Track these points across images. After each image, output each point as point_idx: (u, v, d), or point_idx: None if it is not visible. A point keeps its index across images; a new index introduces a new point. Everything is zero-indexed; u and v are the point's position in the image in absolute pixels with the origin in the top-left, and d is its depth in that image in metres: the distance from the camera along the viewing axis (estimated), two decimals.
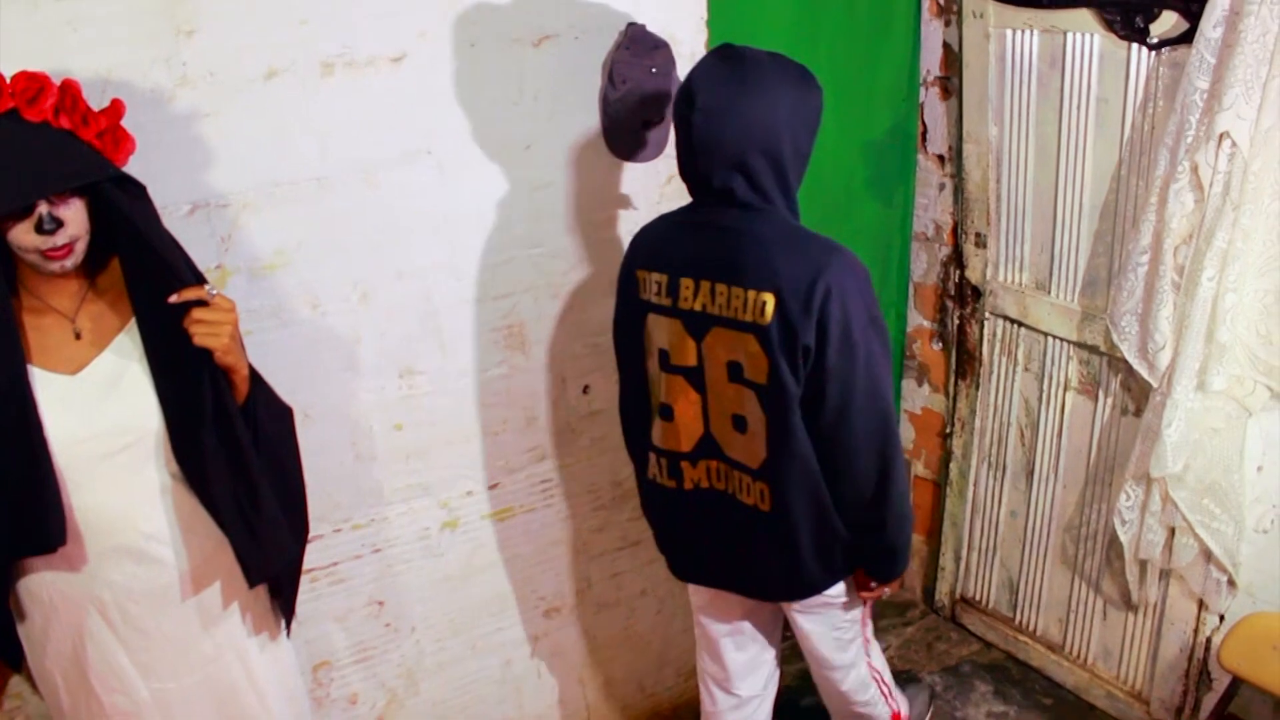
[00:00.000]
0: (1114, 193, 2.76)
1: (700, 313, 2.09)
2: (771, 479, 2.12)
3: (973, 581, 3.50)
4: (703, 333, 2.10)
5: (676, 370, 2.17)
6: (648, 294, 2.17)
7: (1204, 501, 2.61)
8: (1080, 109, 2.76)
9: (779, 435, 2.08)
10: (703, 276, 2.07)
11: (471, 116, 2.38)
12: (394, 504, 2.56)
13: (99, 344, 1.78)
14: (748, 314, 2.02)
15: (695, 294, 2.09)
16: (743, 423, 2.12)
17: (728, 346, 2.07)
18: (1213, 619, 2.78)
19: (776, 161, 2.00)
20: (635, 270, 2.20)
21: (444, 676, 2.76)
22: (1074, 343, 2.96)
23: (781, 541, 2.18)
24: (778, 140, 1.98)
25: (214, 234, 2.19)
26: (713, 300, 2.07)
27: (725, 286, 2.04)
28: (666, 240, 2.17)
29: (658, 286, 2.15)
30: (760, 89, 1.96)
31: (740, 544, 2.25)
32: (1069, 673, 3.24)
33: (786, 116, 1.98)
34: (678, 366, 2.16)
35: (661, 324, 2.16)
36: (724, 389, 2.12)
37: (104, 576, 1.82)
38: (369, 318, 2.40)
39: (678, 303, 2.12)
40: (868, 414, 2.06)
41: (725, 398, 2.13)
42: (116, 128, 1.74)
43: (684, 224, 2.16)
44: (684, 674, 3.19)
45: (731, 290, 2.03)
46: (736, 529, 2.23)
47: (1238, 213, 2.36)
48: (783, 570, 2.23)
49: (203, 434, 1.78)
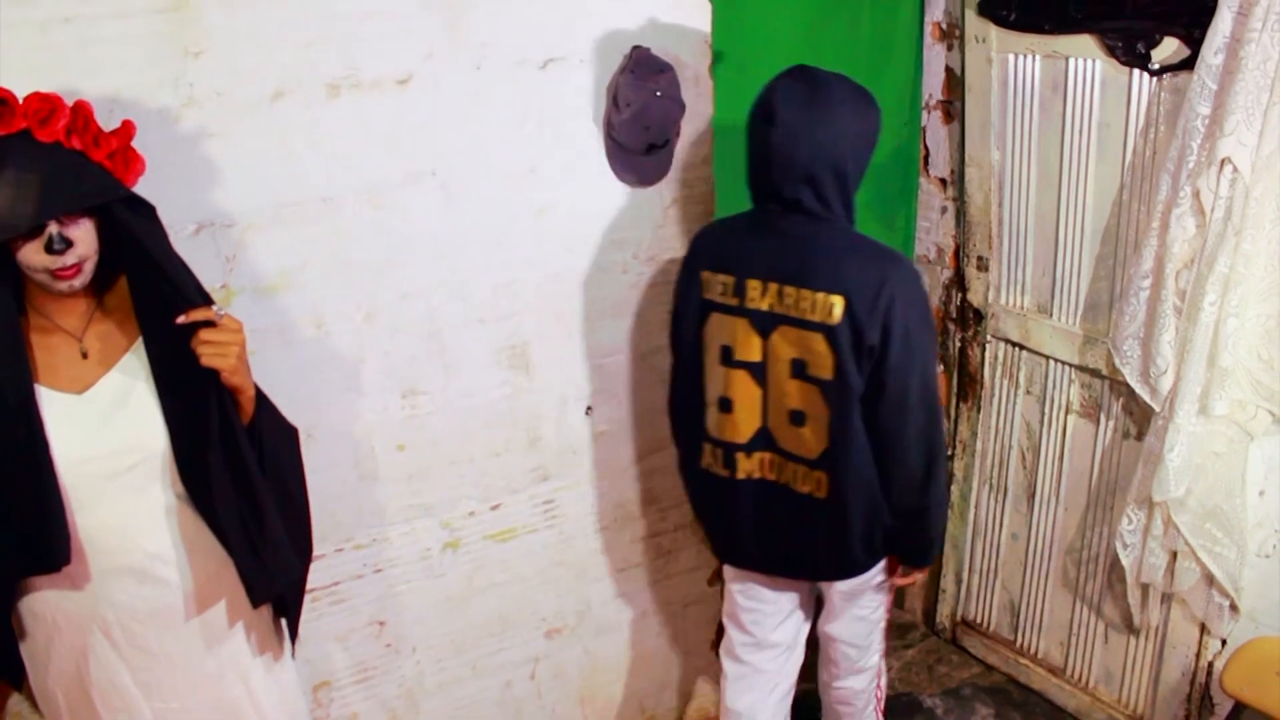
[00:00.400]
0: (1116, 217, 2.77)
1: (767, 312, 2.25)
2: (831, 468, 2.28)
3: (974, 604, 3.50)
4: (769, 330, 2.25)
5: (739, 365, 2.31)
6: (711, 294, 2.32)
7: (1206, 526, 2.61)
8: (1082, 134, 2.78)
9: (840, 427, 2.24)
10: (771, 279, 2.23)
11: (476, 139, 2.39)
12: (396, 524, 2.56)
13: (106, 363, 1.79)
14: (816, 314, 2.18)
15: (763, 294, 2.25)
16: (801, 417, 2.28)
17: (793, 344, 2.23)
18: (1215, 643, 2.78)
19: (841, 176, 2.19)
20: (699, 271, 2.34)
21: (444, 697, 2.76)
22: (1076, 366, 2.96)
23: (834, 526, 2.35)
24: (843, 157, 2.17)
25: (219, 254, 2.20)
26: (780, 300, 2.23)
27: (794, 289, 2.21)
28: (731, 244, 2.33)
29: (723, 287, 2.30)
30: (831, 111, 2.15)
31: (792, 529, 2.40)
32: (1070, 696, 3.23)
33: (851, 137, 2.18)
34: (741, 362, 2.31)
35: (725, 322, 2.31)
36: (785, 384, 2.27)
37: (108, 596, 1.81)
38: (373, 338, 2.40)
39: (744, 302, 2.27)
40: (921, 408, 2.25)
41: (786, 393, 2.28)
42: (127, 148, 1.75)
43: (749, 229, 2.31)
44: (685, 696, 3.18)
45: (800, 292, 2.20)
46: (790, 516, 2.38)
47: (1239, 238, 2.37)
48: (832, 552, 2.40)
49: (209, 454, 1.78)
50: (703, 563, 3.04)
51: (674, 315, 2.46)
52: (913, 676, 3.47)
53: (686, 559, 3.01)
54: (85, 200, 1.67)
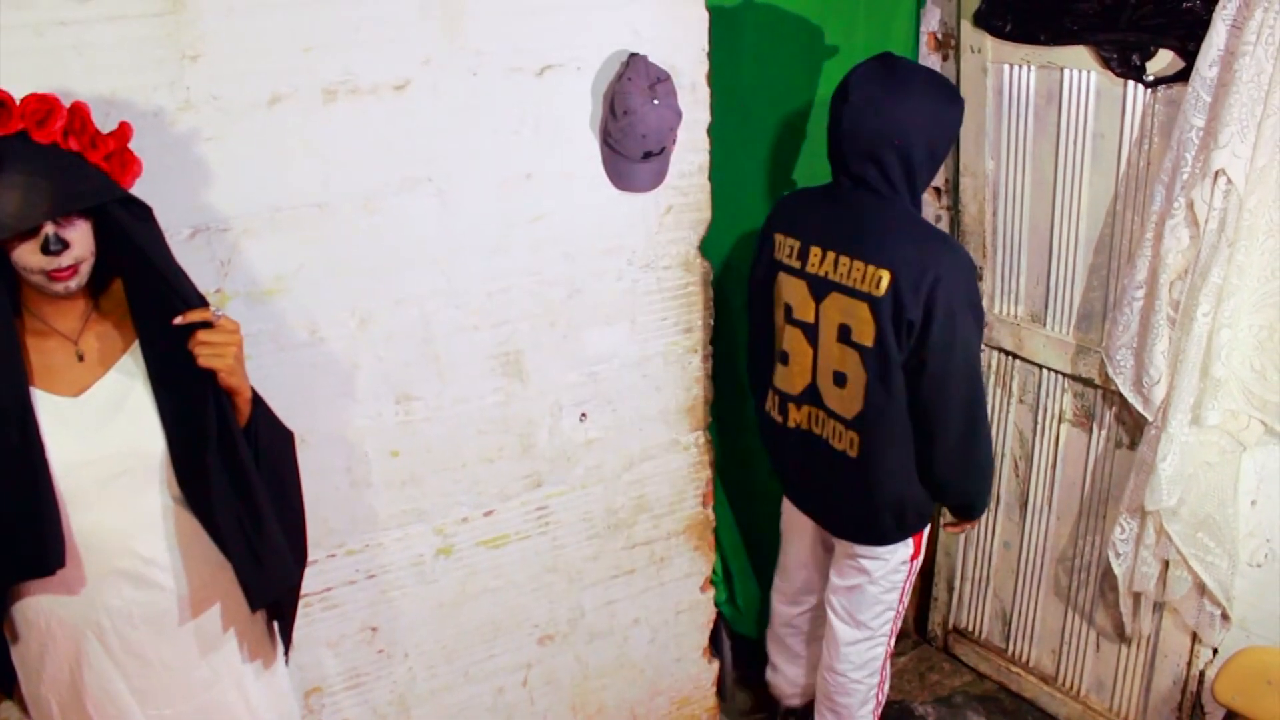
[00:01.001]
0: (1110, 227, 2.78)
1: (823, 278, 2.45)
2: (862, 430, 2.47)
3: (966, 612, 3.50)
4: (823, 295, 2.45)
5: (796, 324, 2.54)
6: (781, 255, 2.56)
7: (1198, 535, 2.62)
8: (1077, 144, 2.79)
9: (875, 393, 2.42)
10: (830, 247, 2.43)
11: (472, 145, 2.39)
12: (389, 530, 2.55)
13: (102, 366, 1.78)
14: (864, 285, 2.36)
15: (822, 261, 2.45)
16: (843, 378, 2.47)
17: (841, 310, 2.42)
18: (1206, 652, 2.79)
19: (907, 159, 2.34)
20: (774, 233, 2.59)
21: (436, 703, 2.75)
22: (1069, 375, 2.97)
23: (862, 487, 2.53)
24: (910, 141, 2.31)
25: (214, 258, 2.19)
26: (835, 268, 2.42)
27: (848, 258, 2.39)
28: (803, 211, 2.55)
29: (790, 250, 2.53)
30: (903, 95, 2.32)
31: (827, 482, 2.62)
32: (1062, 704, 3.24)
33: (923, 123, 2.32)
34: (798, 321, 2.54)
35: (790, 283, 2.53)
36: (832, 347, 2.47)
37: (102, 601, 1.80)
38: (367, 344, 2.40)
39: (805, 266, 2.48)
40: (963, 385, 2.39)
41: (832, 355, 2.48)
42: (124, 150, 1.74)
43: (820, 200, 2.51)
44: (676, 702, 3.18)
45: (853, 262, 2.38)
46: (826, 469, 2.59)
47: (1233, 249, 2.38)
48: (858, 513, 2.60)
49: (206, 456, 1.77)
50: (695, 570, 3.04)
51: (751, 272, 2.70)
52: (904, 684, 3.47)
53: (679, 566, 3.01)
54: (82, 201, 1.66)
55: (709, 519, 3.02)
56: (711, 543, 3.06)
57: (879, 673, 2.82)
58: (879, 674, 2.82)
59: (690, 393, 2.86)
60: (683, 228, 2.70)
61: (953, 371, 2.36)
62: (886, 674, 2.85)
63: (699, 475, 2.95)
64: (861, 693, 2.82)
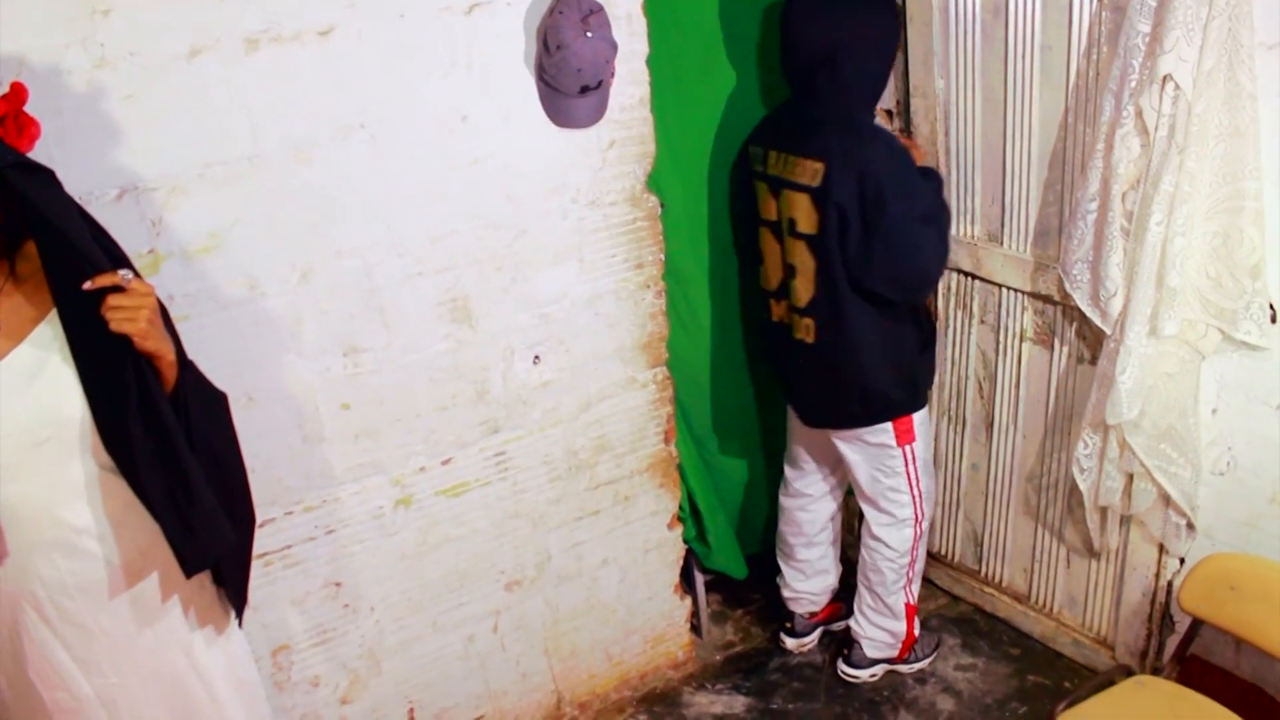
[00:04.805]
0: (1062, 140, 2.74)
1: (777, 176, 2.68)
2: (815, 315, 2.71)
3: (938, 536, 3.50)
4: (778, 192, 2.69)
5: (765, 224, 2.79)
6: (753, 163, 2.78)
7: (1161, 446, 2.60)
8: (1025, 58, 2.74)
9: (822, 279, 2.65)
10: (782, 149, 2.66)
11: (404, 89, 2.34)
12: (345, 484, 2.53)
13: (15, 336, 1.73)
14: (804, 177, 2.60)
15: (776, 162, 2.68)
16: (793, 270, 2.71)
17: (790, 204, 2.65)
18: (1173, 563, 2.79)
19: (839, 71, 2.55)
20: (749, 146, 2.82)
21: (406, 655, 2.75)
22: (1028, 293, 2.94)
23: (824, 373, 2.78)
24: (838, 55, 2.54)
25: (144, 219, 2.15)
26: (785, 167, 2.65)
27: (794, 156, 2.62)
28: (768, 122, 2.81)
29: (757, 157, 2.76)
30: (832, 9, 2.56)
31: (799, 372, 2.86)
32: (1035, 622, 3.25)
33: (847, 38, 2.54)
34: (765, 220, 2.78)
35: (758, 187, 2.78)
36: (789, 241, 2.70)
37: (35, 571, 1.77)
38: (309, 297, 2.36)
39: (766, 169, 2.72)
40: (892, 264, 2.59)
41: (788, 249, 2.71)
42: (19, 113, 1.69)
43: (782, 111, 2.79)
44: (650, 640, 3.18)
45: (797, 159, 2.62)
46: (797, 359, 2.83)
47: (1183, 156, 2.34)
48: (825, 399, 2.84)
49: (128, 422, 1.73)
50: (661, 508, 3.03)
51: (733, 185, 2.98)
52: None
53: (645, 504, 3.00)
54: None
55: (672, 455, 3.00)
56: (676, 479, 3.04)
57: (910, 554, 3.00)
58: (910, 555, 3.00)
59: (645, 329, 2.83)
60: (627, 162, 2.65)
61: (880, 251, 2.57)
62: (919, 555, 3.04)
63: (659, 412, 2.92)
64: (895, 569, 3.02)
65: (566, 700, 3.09)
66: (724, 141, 2.96)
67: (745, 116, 2.93)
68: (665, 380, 2.91)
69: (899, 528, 2.97)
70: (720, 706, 3.16)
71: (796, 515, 3.18)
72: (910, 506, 2.95)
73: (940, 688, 3.14)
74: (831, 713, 3.09)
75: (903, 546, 2.98)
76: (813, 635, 3.32)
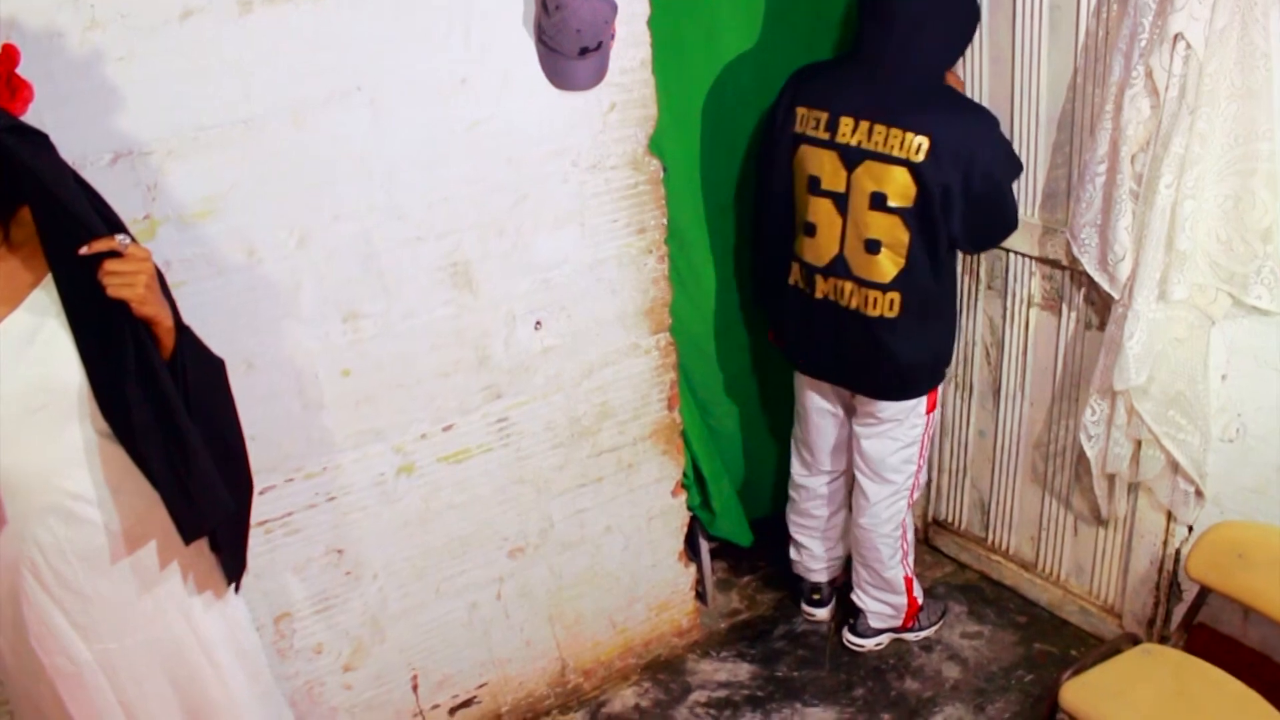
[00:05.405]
0: (1070, 102, 2.70)
1: (855, 147, 2.58)
2: (904, 288, 2.64)
3: (945, 504, 3.48)
4: (855, 164, 2.59)
5: (825, 194, 2.66)
6: (804, 128, 2.66)
7: (1169, 413, 2.57)
8: (1034, 18, 2.70)
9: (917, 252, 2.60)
10: (863, 116, 2.56)
11: (402, 51, 2.30)
12: (346, 451, 2.51)
13: (11, 301, 1.72)
14: (902, 151, 2.51)
15: (854, 131, 2.57)
16: (876, 245, 2.62)
17: (875, 178, 2.57)
18: (1181, 530, 2.77)
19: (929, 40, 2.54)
20: (795, 107, 2.69)
21: (409, 622, 2.74)
22: (1036, 258, 2.91)
23: (897, 345, 2.71)
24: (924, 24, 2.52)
25: (139, 183, 2.12)
26: (869, 137, 2.55)
27: (884, 126, 2.53)
28: (829, 83, 2.66)
29: (816, 122, 2.64)
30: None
31: (857, 347, 2.76)
32: (1042, 590, 3.23)
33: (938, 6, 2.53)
34: (827, 191, 2.65)
35: (815, 154, 2.65)
36: (863, 214, 2.61)
37: (33, 537, 1.77)
38: (307, 262, 2.34)
39: (835, 137, 2.60)
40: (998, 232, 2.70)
41: (862, 222, 2.62)
42: (11, 75, 1.67)
43: (846, 73, 2.66)
44: (654, 608, 3.17)
45: (889, 130, 2.52)
46: (855, 335, 2.74)
47: (1194, 116, 2.30)
48: (890, 371, 2.76)
49: (126, 388, 1.71)
50: (665, 475, 3.01)
51: (765, 147, 2.82)
52: None
53: (648, 471, 2.98)
54: None
55: (676, 422, 2.98)
56: (680, 446, 3.02)
57: (901, 525, 3.01)
58: (901, 526, 3.01)
59: (648, 295, 2.80)
60: (629, 125, 2.62)
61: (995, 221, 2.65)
62: (909, 524, 3.05)
63: (662, 378, 2.90)
64: (890, 544, 3.01)
65: (570, 667, 3.08)
66: (727, 104, 2.92)
67: (749, 78, 2.90)
68: (668, 346, 2.88)
69: (895, 498, 2.96)
70: (725, 674, 3.15)
71: (821, 490, 3.16)
72: (913, 475, 2.95)
73: (946, 655, 3.13)
74: (837, 680, 3.08)
75: (897, 518, 2.99)
76: (834, 600, 3.33)
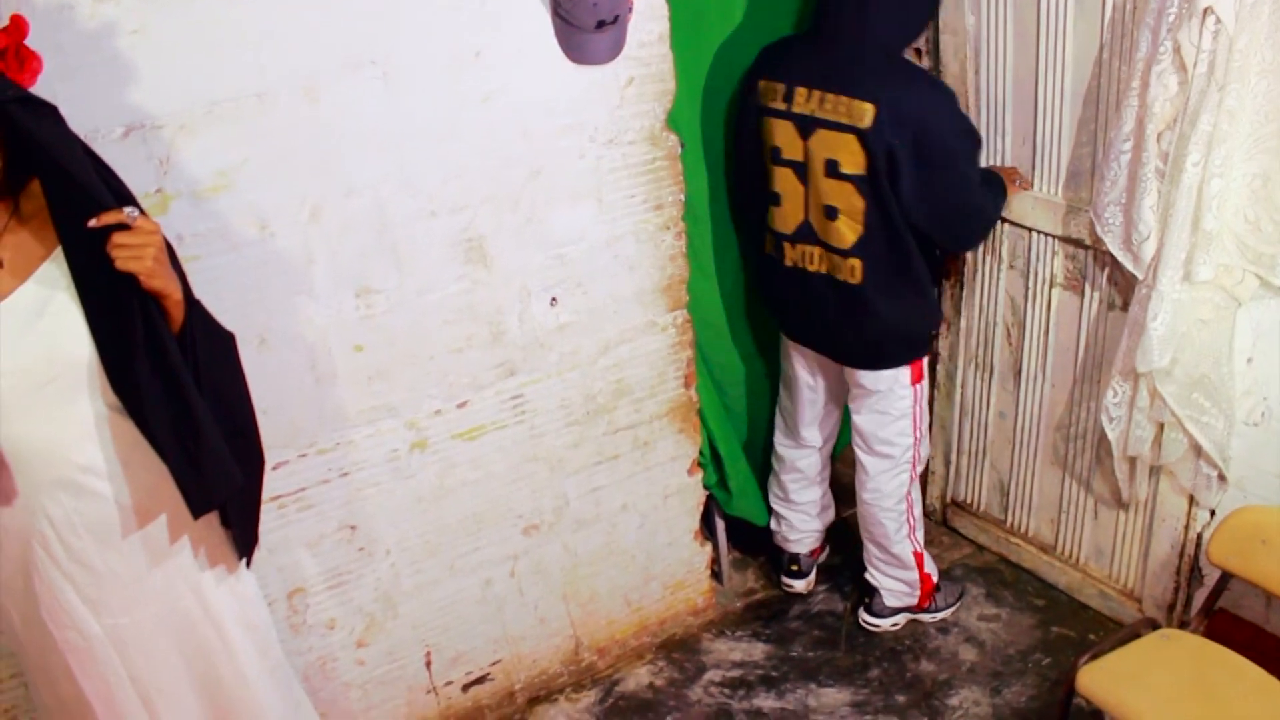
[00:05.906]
0: (1096, 79, 2.65)
1: (809, 115, 2.59)
2: (864, 254, 2.64)
3: (963, 485, 3.45)
4: (810, 132, 2.60)
5: (786, 164, 2.68)
6: (766, 99, 2.68)
7: (1193, 395, 2.53)
8: None
9: (873, 218, 2.60)
10: (814, 86, 2.57)
11: (416, 23, 2.28)
12: (359, 426, 2.50)
13: (21, 274, 1.71)
14: (850, 118, 2.51)
15: (807, 100, 2.59)
16: (834, 211, 2.63)
17: (828, 146, 2.57)
18: (1203, 514, 2.73)
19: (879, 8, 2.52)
20: (758, 80, 2.70)
21: (422, 599, 2.74)
22: (1059, 237, 2.87)
23: (865, 312, 2.72)
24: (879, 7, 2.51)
25: (151, 157, 2.11)
26: (820, 106, 2.56)
27: (833, 95, 2.54)
28: (788, 56, 2.68)
29: (775, 93, 2.65)
30: None
31: (828, 313, 2.78)
32: (1061, 573, 3.20)
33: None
34: (787, 160, 2.67)
35: (778, 125, 2.66)
36: (821, 182, 2.62)
37: (43, 510, 1.76)
38: (320, 237, 2.32)
39: (791, 106, 2.62)
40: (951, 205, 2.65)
41: (821, 190, 2.63)
42: (20, 47, 1.65)
43: (803, 45, 2.68)
44: (670, 587, 3.16)
45: (838, 98, 2.53)
46: (826, 300, 2.76)
47: (1223, 93, 2.25)
48: (862, 338, 2.78)
49: (135, 361, 1.71)
50: (681, 453, 2.99)
51: (737, 122, 2.82)
52: None
53: (664, 450, 2.96)
54: None
55: (692, 400, 2.96)
56: (696, 425, 3.00)
57: (905, 499, 2.99)
58: (906, 500, 2.99)
59: (665, 272, 2.77)
60: (646, 100, 2.59)
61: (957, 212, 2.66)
62: (915, 498, 3.02)
63: (679, 356, 2.88)
64: (894, 518, 3.00)
65: (585, 645, 3.08)
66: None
67: None
68: (685, 324, 2.86)
69: (896, 472, 2.95)
70: (740, 654, 3.13)
71: (799, 463, 3.18)
72: (911, 449, 2.94)
73: (963, 638, 3.11)
74: (852, 661, 3.07)
75: (899, 492, 2.97)
76: (813, 572, 3.34)
